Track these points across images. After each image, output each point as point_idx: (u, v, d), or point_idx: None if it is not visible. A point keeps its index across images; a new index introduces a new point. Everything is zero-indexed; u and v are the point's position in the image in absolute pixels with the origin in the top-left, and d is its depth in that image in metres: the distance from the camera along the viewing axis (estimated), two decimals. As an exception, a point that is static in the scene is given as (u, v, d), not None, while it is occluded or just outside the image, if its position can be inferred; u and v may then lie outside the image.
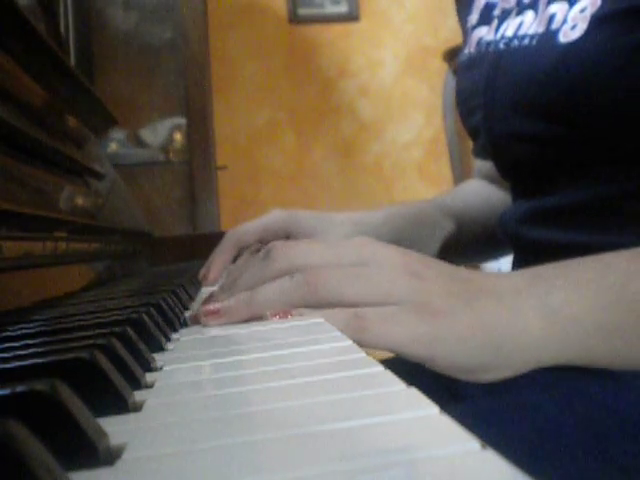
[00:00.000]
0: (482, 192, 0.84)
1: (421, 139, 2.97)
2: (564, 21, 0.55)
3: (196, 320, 0.46)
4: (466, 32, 0.71)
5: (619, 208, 0.55)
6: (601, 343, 0.41)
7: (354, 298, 0.41)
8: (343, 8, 2.92)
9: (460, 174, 2.70)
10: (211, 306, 0.45)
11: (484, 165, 0.83)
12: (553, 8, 0.57)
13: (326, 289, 0.41)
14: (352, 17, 2.93)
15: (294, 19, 2.89)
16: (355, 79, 2.94)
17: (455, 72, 0.72)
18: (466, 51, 0.69)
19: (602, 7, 0.52)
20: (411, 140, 2.97)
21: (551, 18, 0.57)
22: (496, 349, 0.40)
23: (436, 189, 2.82)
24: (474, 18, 0.69)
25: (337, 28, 2.94)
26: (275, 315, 0.42)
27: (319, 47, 2.92)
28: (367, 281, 0.41)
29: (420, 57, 2.96)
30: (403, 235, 0.78)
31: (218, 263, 0.72)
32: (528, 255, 0.63)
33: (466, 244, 0.83)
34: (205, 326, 0.44)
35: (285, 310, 0.43)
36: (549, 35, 0.56)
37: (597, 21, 0.52)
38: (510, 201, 0.70)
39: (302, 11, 2.89)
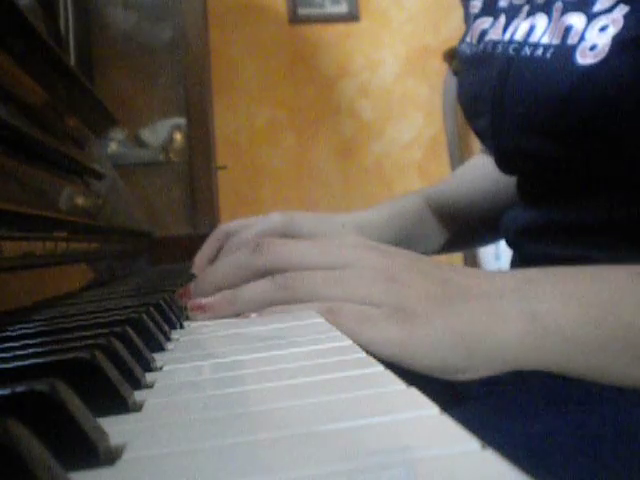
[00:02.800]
0: (489, 173, 0.81)
1: (421, 139, 2.97)
2: (582, 38, 0.52)
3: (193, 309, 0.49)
4: (468, 17, 0.68)
5: (624, 230, 0.54)
6: (581, 358, 0.41)
7: (334, 299, 0.42)
8: (343, 8, 2.92)
9: (460, 174, 2.70)
10: (197, 301, 0.48)
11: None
12: (569, 19, 0.54)
13: (303, 292, 0.43)
14: (352, 17, 2.93)
15: (294, 19, 2.89)
16: (355, 79, 2.94)
17: (455, 70, 0.71)
18: (468, 40, 0.66)
19: (625, 28, 0.49)
20: (411, 140, 2.97)
21: (567, 30, 0.54)
22: (469, 352, 0.41)
23: (436, 189, 2.82)
24: (477, 5, 0.66)
25: (337, 28, 2.94)
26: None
27: (319, 47, 2.92)
28: (345, 285, 0.43)
29: (420, 57, 2.96)
30: (406, 235, 0.77)
31: (202, 260, 0.75)
32: (528, 264, 0.63)
33: (472, 234, 0.83)
34: (192, 318, 0.48)
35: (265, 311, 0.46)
36: (565, 50, 0.53)
37: (619, 45, 0.49)
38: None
39: (302, 11, 2.89)
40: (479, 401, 0.57)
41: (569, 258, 0.56)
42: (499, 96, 0.59)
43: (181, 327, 0.47)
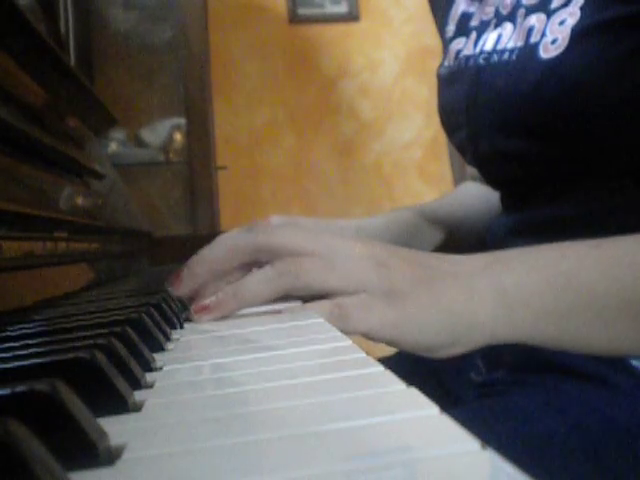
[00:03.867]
0: (480, 194, 0.84)
1: (421, 139, 2.97)
2: (543, 34, 0.54)
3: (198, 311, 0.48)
4: (445, 43, 0.70)
5: (604, 222, 0.55)
6: (551, 326, 0.43)
7: (336, 285, 0.44)
8: (343, 8, 2.92)
9: (460, 174, 2.70)
10: (200, 303, 0.47)
11: (476, 171, 0.83)
12: (531, 20, 0.56)
13: (310, 277, 0.44)
14: (352, 17, 2.93)
15: (294, 19, 2.89)
16: (355, 79, 2.94)
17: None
18: (445, 63, 0.68)
19: (582, 19, 0.51)
20: (411, 140, 2.97)
21: (529, 31, 0.55)
22: (452, 328, 0.43)
23: (436, 189, 2.82)
24: (450, 30, 0.68)
25: (337, 28, 2.93)
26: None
27: (319, 47, 2.92)
28: (342, 272, 0.44)
29: (420, 57, 2.96)
30: (400, 241, 0.79)
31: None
32: None
33: (461, 246, 0.83)
34: (198, 322, 0.46)
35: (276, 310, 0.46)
36: (529, 49, 0.55)
37: (578, 35, 0.51)
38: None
39: (302, 11, 2.89)
40: (479, 401, 0.57)
41: None
42: (472, 103, 0.61)
43: (181, 327, 0.47)
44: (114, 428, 0.21)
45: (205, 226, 1.94)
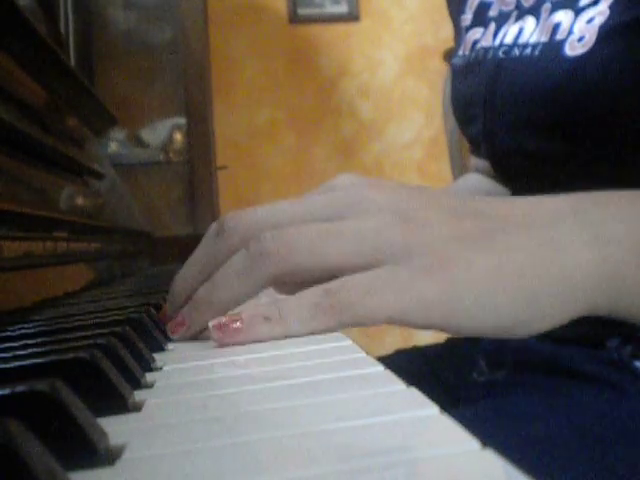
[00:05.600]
0: (482, 188, 0.83)
1: (421, 139, 2.97)
2: (570, 32, 0.52)
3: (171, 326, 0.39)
4: (459, 32, 0.68)
5: None
6: None
7: (338, 259, 0.32)
8: (343, 8, 2.92)
9: (460, 174, 2.70)
10: (174, 319, 0.38)
11: (481, 162, 0.82)
12: (558, 17, 0.54)
13: (296, 255, 0.32)
14: (352, 17, 2.93)
15: (294, 19, 2.89)
16: (355, 79, 2.94)
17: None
18: (460, 53, 0.66)
19: (611, 18, 0.49)
20: (411, 140, 2.97)
21: (555, 27, 0.54)
22: (531, 298, 0.32)
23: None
24: (467, 18, 0.66)
25: (337, 28, 2.93)
26: (219, 328, 0.34)
27: (319, 47, 2.92)
28: (348, 238, 0.32)
29: (420, 57, 2.96)
30: None
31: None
32: None
33: None
34: (178, 340, 0.38)
35: (232, 317, 0.33)
36: (554, 46, 0.53)
37: (606, 33, 0.49)
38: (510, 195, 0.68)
39: (302, 11, 2.89)
40: (479, 401, 0.57)
41: None
42: (491, 98, 0.59)
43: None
44: (114, 428, 0.21)
45: (205, 226, 1.93)
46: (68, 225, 0.66)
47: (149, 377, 0.30)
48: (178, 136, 2.00)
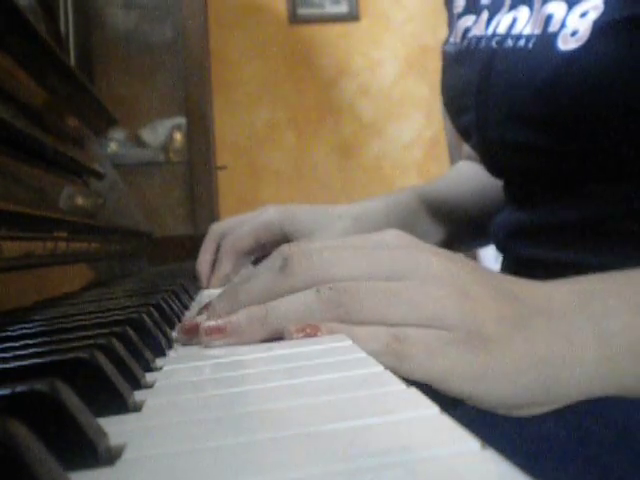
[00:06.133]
0: (475, 179, 0.81)
1: (421, 139, 2.97)
2: (563, 25, 0.52)
3: (189, 332, 0.39)
4: (451, 18, 0.67)
5: (610, 228, 0.53)
6: None
7: (397, 318, 0.35)
8: (343, 8, 2.92)
9: (460, 174, 2.70)
10: (213, 322, 0.37)
11: (475, 153, 0.81)
12: (550, 7, 0.54)
13: (364, 311, 0.35)
14: (352, 17, 2.93)
15: (294, 19, 2.89)
16: (355, 79, 2.94)
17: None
18: (452, 40, 0.65)
19: (605, 13, 0.49)
20: (411, 140, 2.97)
21: (548, 19, 0.53)
22: (549, 384, 0.36)
23: (436, 189, 2.82)
24: (460, 5, 0.66)
25: (337, 28, 2.94)
26: (301, 331, 0.35)
27: (319, 47, 2.92)
28: (411, 300, 0.35)
29: (420, 57, 2.96)
30: (405, 226, 0.75)
31: (205, 266, 0.73)
32: (518, 268, 0.60)
33: (462, 235, 0.82)
34: (206, 346, 0.37)
35: (314, 325, 0.35)
36: (547, 39, 0.53)
37: (600, 29, 0.49)
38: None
39: (302, 11, 2.89)
40: (475, 408, 0.56)
41: (560, 262, 0.56)
42: (484, 88, 0.58)
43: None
44: (114, 428, 0.21)
45: (205, 226, 1.93)
46: (68, 225, 0.66)
47: (149, 377, 0.30)
48: (178, 136, 2.00)
